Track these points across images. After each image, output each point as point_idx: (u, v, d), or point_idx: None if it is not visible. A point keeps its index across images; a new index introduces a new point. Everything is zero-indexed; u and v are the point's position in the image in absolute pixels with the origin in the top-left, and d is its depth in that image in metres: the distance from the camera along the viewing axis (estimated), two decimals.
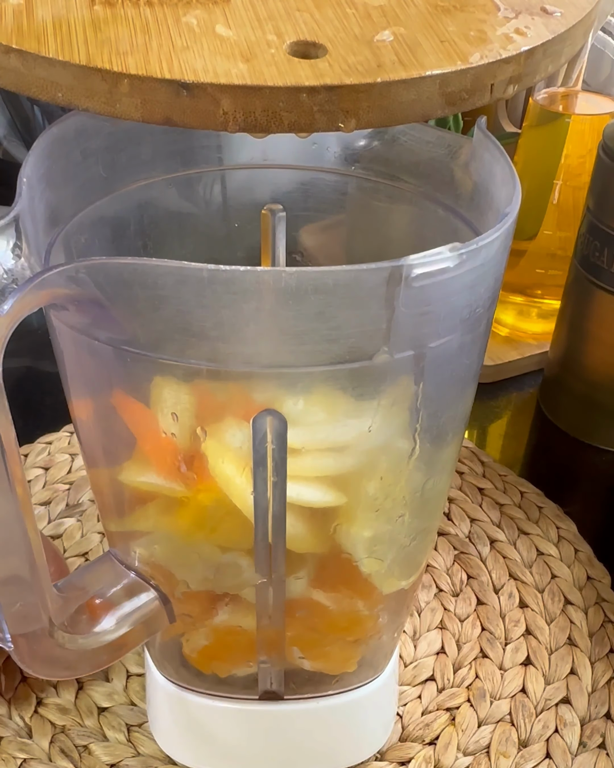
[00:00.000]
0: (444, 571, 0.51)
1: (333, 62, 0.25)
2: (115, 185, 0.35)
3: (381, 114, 0.25)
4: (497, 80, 0.26)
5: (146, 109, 0.24)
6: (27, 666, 0.32)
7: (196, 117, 0.24)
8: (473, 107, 0.26)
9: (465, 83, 0.25)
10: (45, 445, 0.58)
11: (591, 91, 0.60)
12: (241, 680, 0.38)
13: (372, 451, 0.31)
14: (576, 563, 0.51)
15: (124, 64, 0.24)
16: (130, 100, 0.24)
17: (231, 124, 0.24)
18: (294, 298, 0.25)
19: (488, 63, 0.25)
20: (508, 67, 0.26)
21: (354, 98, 0.24)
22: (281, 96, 0.24)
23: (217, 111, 0.24)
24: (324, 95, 0.24)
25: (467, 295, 0.28)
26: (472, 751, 0.42)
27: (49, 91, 0.25)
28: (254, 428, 0.28)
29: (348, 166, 0.37)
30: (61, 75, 0.24)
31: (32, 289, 0.24)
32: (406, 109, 0.25)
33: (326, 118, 0.24)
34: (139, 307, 0.26)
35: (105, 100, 0.24)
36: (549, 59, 0.27)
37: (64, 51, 0.24)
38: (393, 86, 0.24)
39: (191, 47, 0.25)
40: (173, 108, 0.24)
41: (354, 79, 0.24)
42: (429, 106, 0.25)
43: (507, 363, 0.65)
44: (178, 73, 0.24)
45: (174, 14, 0.26)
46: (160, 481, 0.31)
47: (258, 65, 0.24)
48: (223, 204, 0.39)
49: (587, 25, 0.29)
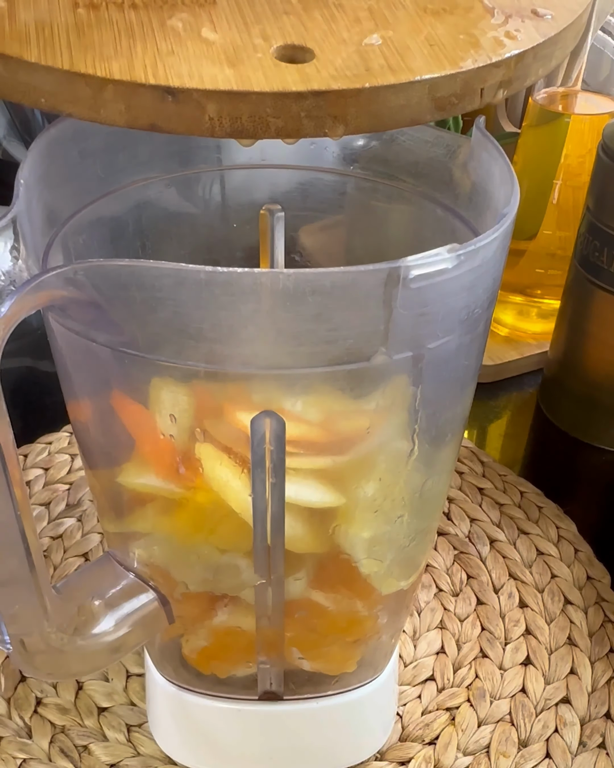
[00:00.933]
0: (444, 571, 0.51)
1: (320, 67, 0.24)
2: (113, 186, 0.35)
3: (370, 119, 0.24)
4: (487, 85, 0.25)
5: (131, 115, 0.24)
6: (26, 668, 0.32)
7: (181, 123, 0.24)
8: (463, 112, 0.25)
9: (455, 88, 0.25)
10: (45, 446, 0.58)
11: (591, 91, 0.60)
12: (241, 680, 0.38)
13: (371, 451, 0.31)
14: (576, 563, 0.51)
15: (108, 70, 0.23)
16: (115, 106, 0.24)
17: (217, 130, 0.24)
18: (292, 299, 0.25)
19: (478, 67, 0.25)
20: (498, 71, 0.25)
21: (342, 104, 0.24)
22: (268, 101, 0.23)
23: (202, 117, 0.24)
24: (311, 101, 0.23)
25: (465, 296, 0.28)
26: (472, 751, 0.42)
27: (31, 97, 0.24)
28: (252, 429, 0.28)
29: (347, 166, 0.37)
30: (43, 80, 0.24)
31: (30, 291, 0.24)
32: (395, 114, 0.24)
33: (314, 124, 0.24)
34: (136, 309, 0.26)
35: (89, 106, 0.24)
36: (540, 63, 0.27)
37: (47, 56, 0.24)
38: (382, 91, 0.24)
39: (176, 52, 0.24)
40: (158, 114, 0.24)
41: (341, 84, 0.24)
42: (419, 111, 0.25)
43: (507, 363, 0.65)
44: (162, 78, 0.23)
45: (159, 17, 0.26)
46: (159, 482, 0.31)
47: (244, 70, 0.24)
48: (222, 204, 0.39)
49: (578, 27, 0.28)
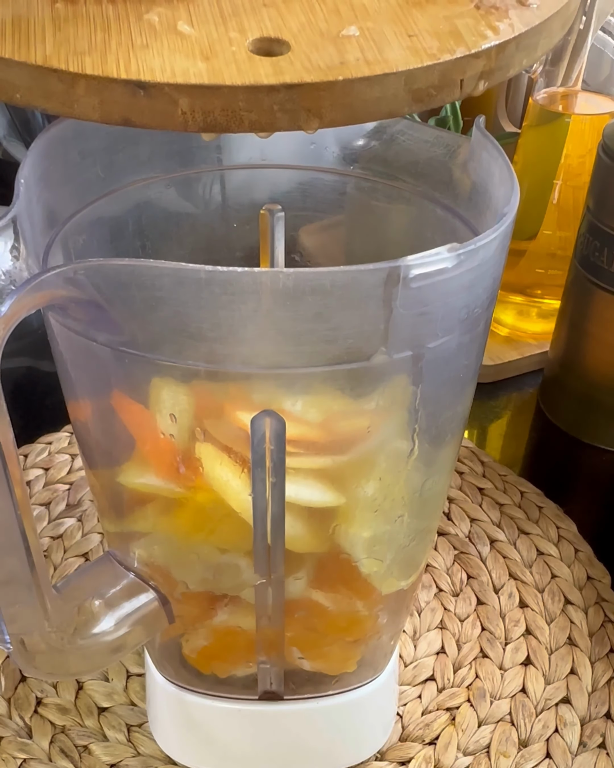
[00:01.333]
0: (444, 571, 0.51)
1: (295, 59, 0.24)
2: (113, 186, 0.35)
3: (345, 112, 0.24)
4: (467, 76, 0.25)
5: (104, 110, 0.24)
6: (26, 667, 0.32)
7: (154, 117, 0.24)
8: (442, 104, 0.25)
9: (432, 80, 0.24)
10: (45, 446, 0.58)
11: (591, 91, 0.60)
12: (241, 680, 0.38)
13: (371, 451, 0.31)
14: (576, 563, 0.51)
15: (81, 64, 0.23)
16: (87, 101, 0.24)
17: (190, 124, 0.24)
18: (292, 299, 0.25)
19: (456, 59, 0.24)
20: (478, 62, 0.25)
21: (315, 96, 0.23)
22: (240, 95, 0.23)
23: (175, 111, 0.23)
24: (284, 94, 0.23)
25: (465, 296, 0.28)
26: (472, 751, 0.42)
27: (7, 92, 0.24)
28: (252, 429, 0.28)
29: (347, 165, 0.37)
30: (17, 76, 0.24)
31: (30, 290, 0.24)
32: (371, 106, 0.24)
33: (287, 118, 0.24)
34: (136, 309, 0.26)
35: (62, 101, 0.24)
36: (524, 53, 0.26)
37: (21, 51, 0.24)
38: (356, 84, 0.24)
39: (151, 45, 0.24)
40: (131, 108, 0.24)
41: (315, 77, 0.23)
42: (395, 103, 0.24)
43: (507, 363, 0.65)
44: (134, 72, 0.23)
45: (136, 11, 0.25)
46: (159, 482, 0.31)
47: (217, 64, 0.24)
48: (222, 204, 0.39)
49: (566, 16, 0.28)
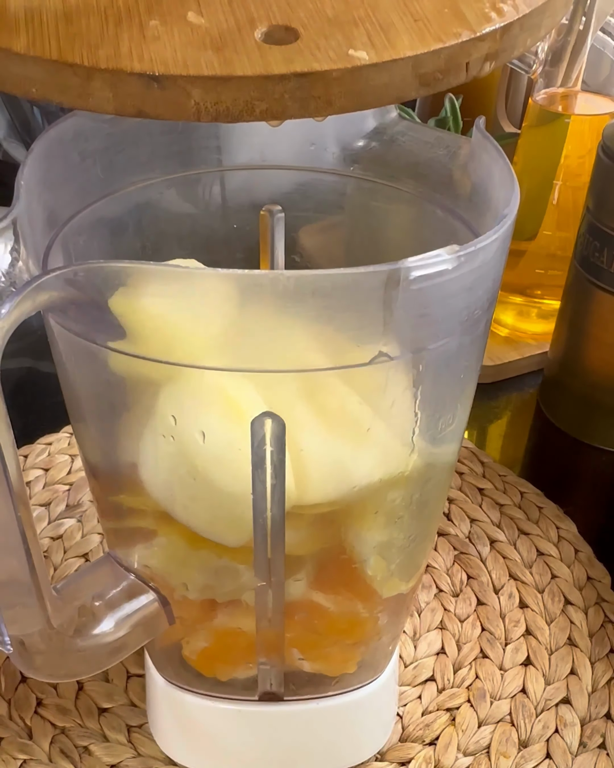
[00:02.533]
0: (444, 572, 0.51)
1: (304, 48, 0.24)
2: (113, 186, 0.35)
3: (354, 99, 0.24)
4: (472, 58, 0.25)
5: (118, 102, 0.24)
6: (26, 669, 0.32)
7: (167, 109, 0.24)
8: (449, 86, 0.25)
9: (439, 63, 0.25)
10: (45, 446, 0.58)
11: (591, 92, 0.60)
12: (241, 681, 0.38)
13: (371, 452, 0.31)
14: (576, 563, 0.51)
15: (95, 58, 0.24)
16: (102, 94, 0.24)
17: (203, 115, 0.24)
18: (292, 300, 0.25)
19: (462, 42, 0.25)
20: (483, 44, 0.25)
21: (325, 84, 0.24)
22: (251, 85, 0.24)
23: (188, 102, 0.24)
24: (294, 82, 0.24)
25: (465, 297, 0.28)
26: (472, 752, 0.42)
27: (23, 87, 0.25)
28: (252, 431, 0.28)
29: (347, 166, 0.37)
30: (33, 70, 0.24)
31: (30, 292, 0.24)
32: (379, 92, 0.25)
33: (298, 105, 0.24)
34: None
35: (77, 95, 0.24)
36: (528, 33, 0.27)
37: (35, 46, 0.24)
38: (365, 70, 0.24)
39: (162, 37, 0.25)
40: (145, 100, 0.24)
41: (324, 65, 0.24)
42: (403, 88, 0.25)
43: (507, 363, 0.65)
44: (148, 65, 0.24)
45: (146, 2, 0.26)
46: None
47: (228, 54, 0.24)
48: (222, 205, 0.39)
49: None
